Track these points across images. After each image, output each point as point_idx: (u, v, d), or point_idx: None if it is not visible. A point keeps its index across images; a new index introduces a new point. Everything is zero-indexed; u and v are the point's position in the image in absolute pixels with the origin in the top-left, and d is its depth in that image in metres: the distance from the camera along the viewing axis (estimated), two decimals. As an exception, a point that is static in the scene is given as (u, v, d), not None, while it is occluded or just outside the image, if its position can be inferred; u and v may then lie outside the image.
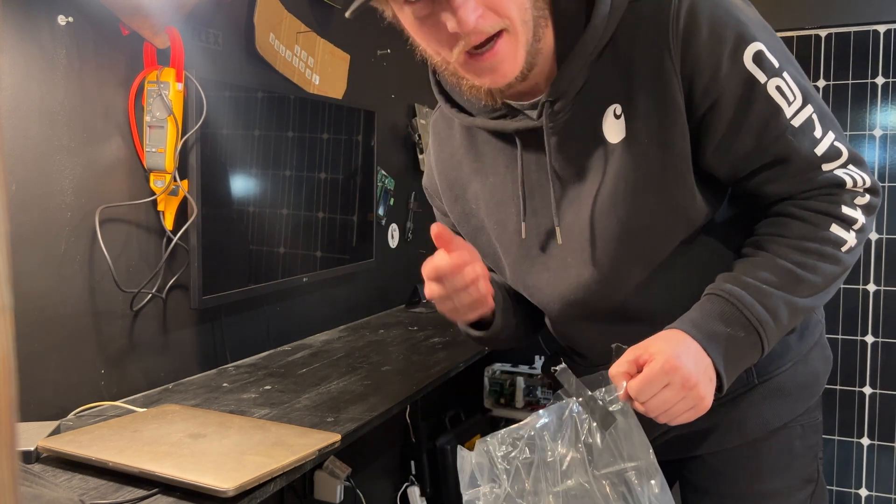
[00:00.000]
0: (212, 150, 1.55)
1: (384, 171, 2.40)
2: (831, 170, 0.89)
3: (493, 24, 0.81)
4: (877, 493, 2.42)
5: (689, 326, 0.87)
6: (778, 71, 0.86)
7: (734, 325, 0.86)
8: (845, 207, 0.89)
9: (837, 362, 2.42)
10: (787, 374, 1.01)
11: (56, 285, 1.32)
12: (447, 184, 1.08)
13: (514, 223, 1.00)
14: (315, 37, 1.99)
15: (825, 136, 0.88)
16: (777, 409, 1.01)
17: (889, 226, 2.38)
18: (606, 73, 0.89)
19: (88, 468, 1.06)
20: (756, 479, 1.03)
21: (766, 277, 0.88)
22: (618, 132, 0.90)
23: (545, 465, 0.87)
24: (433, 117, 1.11)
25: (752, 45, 0.85)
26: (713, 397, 0.85)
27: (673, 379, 0.81)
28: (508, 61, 0.84)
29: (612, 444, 0.86)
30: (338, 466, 1.87)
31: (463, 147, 1.05)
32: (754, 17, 0.89)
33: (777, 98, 0.86)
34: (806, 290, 0.88)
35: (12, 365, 0.36)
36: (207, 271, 1.54)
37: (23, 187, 1.26)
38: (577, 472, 0.86)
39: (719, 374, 0.85)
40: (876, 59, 2.37)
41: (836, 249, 0.89)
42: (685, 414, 0.83)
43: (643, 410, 0.84)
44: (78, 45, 1.35)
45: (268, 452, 1.08)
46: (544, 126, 0.92)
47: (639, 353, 0.85)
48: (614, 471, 0.86)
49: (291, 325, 1.98)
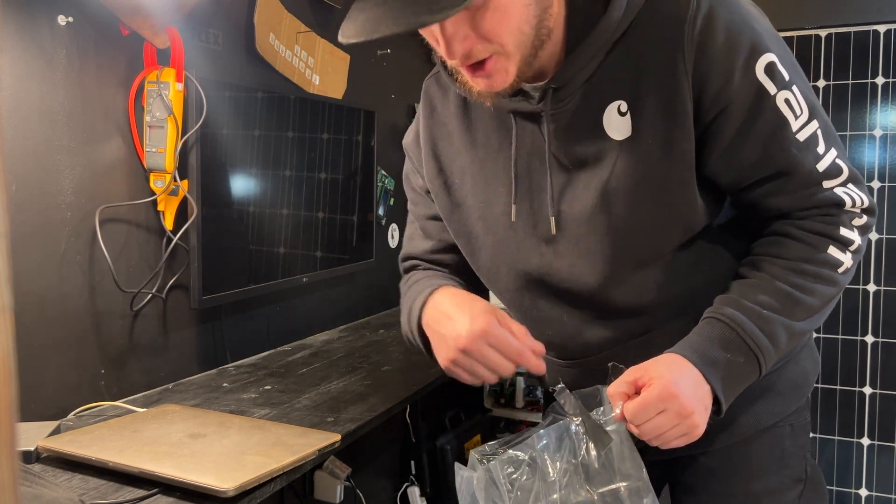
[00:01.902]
0: (212, 150, 1.55)
1: (384, 171, 2.40)
2: (831, 187, 0.89)
3: (483, 51, 0.81)
4: (877, 493, 2.42)
5: (690, 352, 0.87)
6: (788, 84, 0.86)
7: (734, 352, 0.87)
8: (843, 229, 0.89)
9: (837, 362, 2.42)
10: (779, 373, 1.01)
11: (56, 285, 1.32)
12: (432, 152, 1.06)
13: (502, 204, 0.98)
14: (315, 37, 1.99)
15: (828, 152, 0.88)
16: (768, 408, 1.01)
17: (889, 226, 2.38)
18: (615, 68, 0.88)
19: (88, 468, 1.06)
20: (747, 479, 1.04)
21: (765, 301, 0.88)
22: (623, 129, 0.89)
23: (546, 484, 0.87)
24: (427, 80, 1.08)
25: (765, 55, 0.85)
26: (707, 424, 0.86)
27: (669, 406, 0.82)
28: (499, 76, 0.84)
29: (608, 462, 0.87)
30: (338, 466, 1.87)
31: (456, 118, 1.02)
32: (768, 27, 0.89)
33: (785, 111, 0.86)
34: (803, 312, 0.89)
35: (12, 365, 0.36)
36: (207, 271, 1.54)
37: (23, 187, 1.26)
38: (575, 491, 0.87)
39: (718, 398, 0.86)
40: (876, 59, 2.37)
41: (832, 271, 0.89)
42: (677, 440, 0.85)
43: (637, 433, 0.85)
44: (78, 45, 1.35)
45: (268, 452, 1.08)
46: (545, 112, 0.91)
47: (638, 374, 0.86)
48: (609, 489, 0.87)
49: (291, 325, 1.98)
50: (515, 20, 0.80)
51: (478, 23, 0.78)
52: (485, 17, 0.78)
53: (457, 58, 0.81)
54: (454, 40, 0.79)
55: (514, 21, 0.80)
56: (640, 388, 0.85)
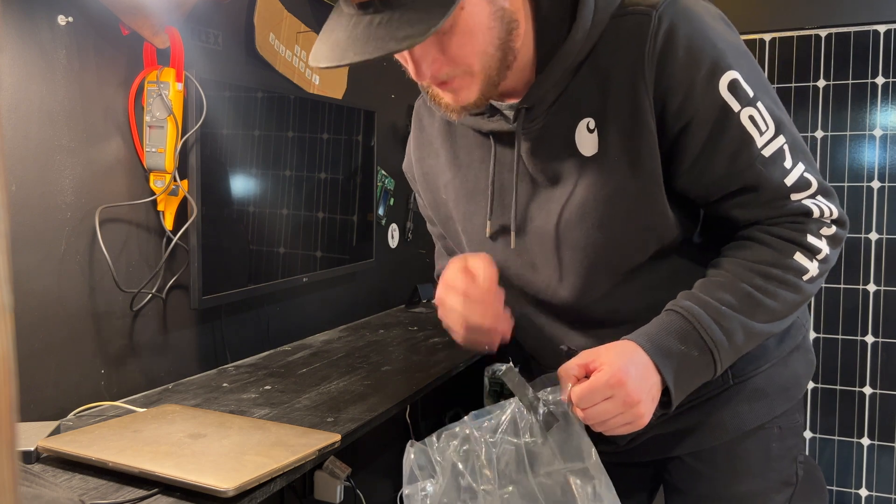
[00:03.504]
0: (212, 150, 1.55)
1: (384, 171, 2.40)
2: (800, 199, 0.89)
3: (450, 72, 0.84)
4: (877, 493, 2.42)
5: (644, 340, 0.87)
6: (752, 101, 0.87)
7: (689, 344, 0.87)
8: (811, 237, 0.89)
9: (838, 362, 2.42)
10: (765, 375, 1.01)
11: (56, 285, 1.32)
12: (422, 171, 1.11)
13: (481, 217, 1.02)
14: (315, 37, 1.99)
15: (795, 166, 0.89)
16: (754, 410, 1.01)
17: (889, 226, 2.38)
18: (584, 85, 0.90)
19: (88, 468, 1.06)
20: (732, 481, 1.04)
21: (726, 299, 0.88)
22: (591, 146, 0.91)
23: (480, 461, 0.88)
24: (417, 103, 1.12)
25: (727, 73, 0.85)
26: (654, 415, 0.86)
27: (616, 393, 0.83)
28: (464, 92, 0.87)
29: (554, 444, 0.87)
30: (338, 466, 1.86)
31: (441, 137, 1.06)
32: (734, 42, 0.89)
33: (749, 127, 0.87)
34: (764, 315, 0.89)
35: (12, 365, 0.36)
36: (207, 271, 1.54)
37: (23, 187, 1.26)
38: (516, 471, 0.87)
39: (669, 390, 0.86)
40: (876, 59, 2.37)
41: (797, 278, 0.89)
42: (621, 428, 0.85)
43: (581, 417, 0.86)
44: (78, 45, 1.35)
45: (268, 452, 1.08)
46: (517, 131, 0.93)
47: (590, 359, 0.86)
48: (553, 470, 0.86)
49: (291, 325, 1.98)
50: (481, 43, 0.83)
51: (445, 46, 0.82)
52: (451, 41, 0.81)
53: (426, 80, 0.85)
54: (422, 63, 0.83)
55: (479, 44, 0.83)
56: (590, 372, 0.86)
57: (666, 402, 0.87)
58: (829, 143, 2.45)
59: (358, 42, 0.78)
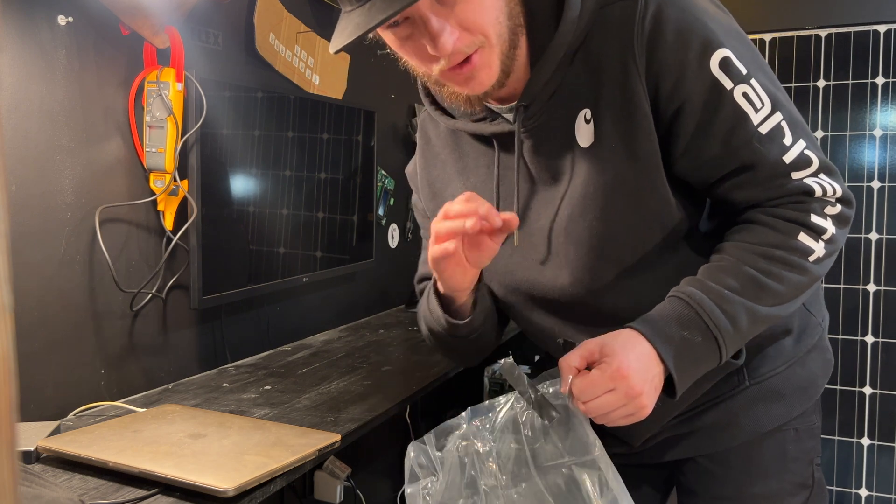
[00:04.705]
0: (212, 150, 1.55)
1: (384, 171, 2.40)
2: (801, 178, 0.88)
3: (470, 44, 0.83)
4: (877, 493, 2.42)
5: (646, 327, 0.86)
6: (745, 78, 0.86)
7: (691, 329, 0.85)
8: (814, 216, 0.88)
9: (838, 362, 2.42)
10: (782, 376, 1.00)
11: (56, 285, 1.32)
12: (427, 181, 1.10)
13: None
14: (315, 37, 1.99)
15: (795, 143, 0.87)
16: (770, 412, 1.00)
17: (889, 226, 2.38)
18: (578, 77, 0.90)
19: (88, 468, 1.06)
20: (747, 483, 1.03)
21: (729, 283, 0.86)
22: (588, 137, 0.90)
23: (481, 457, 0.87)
24: (422, 115, 1.13)
25: (718, 51, 0.85)
26: (655, 404, 0.85)
27: (619, 385, 0.81)
28: (485, 71, 0.85)
29: (556, 437, 0.86)
30: (338, 466, 1.86)
31: (447, 147, 1.06)
32: (725, 22, 0.88)
33: (744, 105, 0.86)
34: (769, 298, 0.87)
35: (12, 365, 0.36)
36: (207, 271, 1.54)
37: (23, 187, 1.26)
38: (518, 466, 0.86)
39: (672, 378, 0.85)
40: (876, 59, 2.37)
41: (803, 259, 0.88)
42: (623, 420, 0.84)
43: (583, 410, 0.85)
44: (78, 45, 1.35)
45: (268, 452, 1.08)
46: (517, 130, 0.93)
47: (591, 349, 0.85)
48: (557, 464, 0.86)
49: (291, 325, 1.98)
50: (493, 11, 0.83)
51: (459, 16, 0.81)
52: (465, 9, 0.81)
53: (447, 52, 0.82)
54: (442, 34, 0.81)
55: (491, 12, 0.83)
56: (591, 364, 0.85)
57: (670, 390, 0.86)
58: (829, 143, 2.45)
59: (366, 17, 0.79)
